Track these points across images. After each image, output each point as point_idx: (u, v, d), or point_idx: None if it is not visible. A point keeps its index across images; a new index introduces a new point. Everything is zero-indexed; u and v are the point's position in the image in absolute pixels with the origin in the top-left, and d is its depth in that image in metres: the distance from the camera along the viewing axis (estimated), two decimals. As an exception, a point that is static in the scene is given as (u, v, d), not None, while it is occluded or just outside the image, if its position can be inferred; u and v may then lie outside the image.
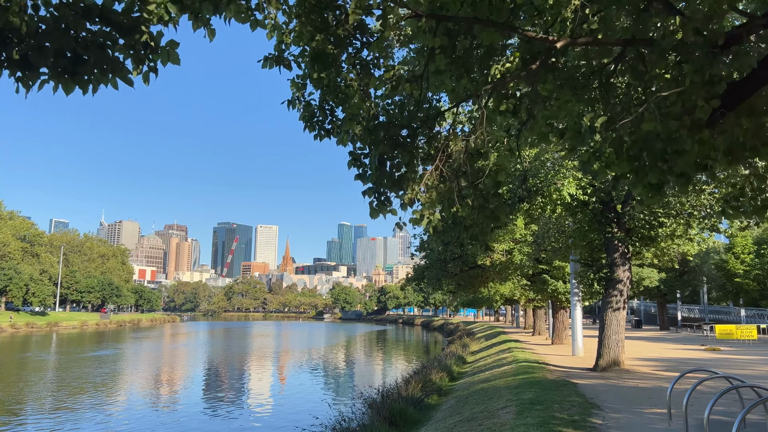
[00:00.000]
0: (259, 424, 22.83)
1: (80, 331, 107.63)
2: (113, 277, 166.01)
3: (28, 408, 26.53)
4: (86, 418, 24.13)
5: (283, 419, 23.29)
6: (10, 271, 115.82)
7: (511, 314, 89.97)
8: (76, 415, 24.78)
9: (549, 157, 16.95)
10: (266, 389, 34.73)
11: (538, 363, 22.71)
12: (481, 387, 18.55)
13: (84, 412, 25.33)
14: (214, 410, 26.19)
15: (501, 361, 26.22)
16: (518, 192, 16.28)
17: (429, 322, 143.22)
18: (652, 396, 14.11)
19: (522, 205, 16.93)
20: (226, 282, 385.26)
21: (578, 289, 28.17)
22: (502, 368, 22.74)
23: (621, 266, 19.60)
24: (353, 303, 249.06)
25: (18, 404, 27.45)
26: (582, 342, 28.06)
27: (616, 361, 19.46)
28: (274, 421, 23.27)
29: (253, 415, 24.97)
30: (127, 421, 23.34)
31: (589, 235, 20.18)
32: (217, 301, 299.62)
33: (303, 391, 32.85)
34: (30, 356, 54.31)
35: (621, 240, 19.49)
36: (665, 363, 23.13)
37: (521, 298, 49.92)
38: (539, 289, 36.19)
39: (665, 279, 60.57)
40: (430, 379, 21.20)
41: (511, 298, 55.53)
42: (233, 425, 22.80)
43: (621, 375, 18.24)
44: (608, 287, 19.77)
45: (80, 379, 36.86)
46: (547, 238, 25.50)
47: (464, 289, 44.54)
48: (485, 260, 35.28)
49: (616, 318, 19.56)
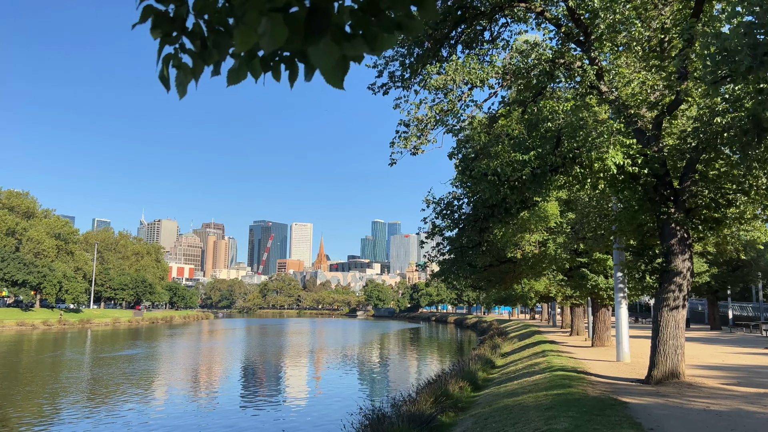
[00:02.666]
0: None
1: (113, 329, 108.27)
2: (147, 275, 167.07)
3: (58, 408, 26.16)
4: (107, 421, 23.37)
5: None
6: (45, 269, 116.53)
7: (548, 312, 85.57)
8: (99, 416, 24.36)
9: (588, 115, 13.37)
10: (287, 390, 33.19)
11: (577, 372, 19.06)
12: (505, 403, 15.09)
13: (107, 415, 24.63)
14: (239, 410, 26.23)
15: (533, 367, 22.63)
16: (549, 159, 12.79)
17: (462, 319, 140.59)
18: (735, 427, 10.46)
19: (555, 177, 13.38)
20: (261, 279, 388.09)
21: (624, 284, 24.31)
22: (533, 377, 19.19)
23: (680, 255, 15.85)
24: (386, 300, 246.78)
25: (48, 405, 27.02)
26: (628, 345, 24.23)
27: (674, 372, 15.74)
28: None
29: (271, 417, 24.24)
30: (157, 422, 22.88)
31: (640, 216, 16.43)
32: (252, 298, 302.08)
33: (317, 395, 30.28)
34: (57, 354, 53.08)
35: (680, 222, 15.73)
36: (733, 373, 19.21)
37: (558, 295, 46.24)
38: (577, 284, 32.29)
39: (716, 274, 55.59)
40: (446, 390, 17.80)
41: (546, 295, 51.75)
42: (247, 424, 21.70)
43: (683, 391, 14.53)
44: (663, 281, 16.04)
45: (100, 380, 35.73)
46: (586, 223, 21.74)
47: (495, 286, 40.92)
48: (516, 252, 31.62)
49: (674, 318, 15.83)
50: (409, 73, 17.33)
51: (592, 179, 14.14)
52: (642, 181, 15.39)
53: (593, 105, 14.88)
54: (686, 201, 16.06)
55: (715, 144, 14.30)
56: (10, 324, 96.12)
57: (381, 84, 17.55)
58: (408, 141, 15.01)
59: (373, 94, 17.69)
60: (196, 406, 27.13)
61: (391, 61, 17.47)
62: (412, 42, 16.81)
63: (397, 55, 17.42)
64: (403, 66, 17.21)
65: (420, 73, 16.51)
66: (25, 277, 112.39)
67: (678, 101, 15.25)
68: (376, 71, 17.09)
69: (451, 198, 16.06)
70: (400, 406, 15.92)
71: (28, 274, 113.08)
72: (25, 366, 42.96)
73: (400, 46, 17.23)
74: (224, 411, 25.81)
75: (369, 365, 48.41)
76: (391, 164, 16.11)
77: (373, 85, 17.68)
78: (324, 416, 23.69)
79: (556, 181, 13.61)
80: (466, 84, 14.81)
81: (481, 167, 12.76)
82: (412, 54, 17.45)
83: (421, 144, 15.10)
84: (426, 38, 16.28)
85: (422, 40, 17.09)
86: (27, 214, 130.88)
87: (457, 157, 13.90)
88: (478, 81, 14.65)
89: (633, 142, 14.58)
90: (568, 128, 12.80)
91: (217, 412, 25.61)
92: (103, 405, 27.22)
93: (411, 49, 17.40)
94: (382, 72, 17.17)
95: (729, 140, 13.71)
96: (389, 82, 17.39)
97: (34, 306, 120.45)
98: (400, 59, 17.30)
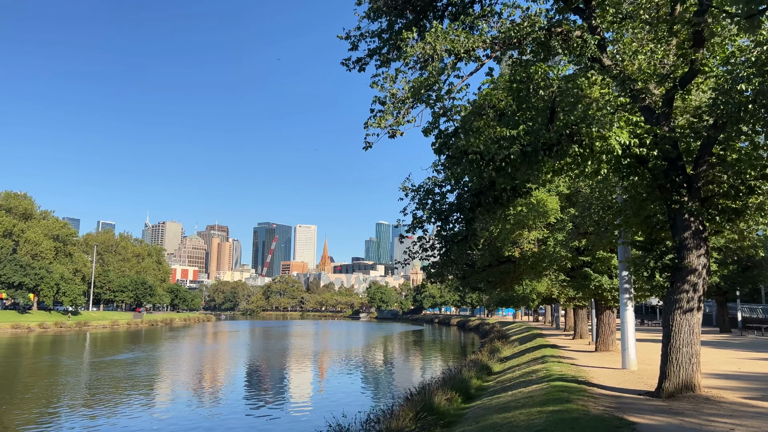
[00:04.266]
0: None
1: (110, 331, 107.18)
2: (148, 277, 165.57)
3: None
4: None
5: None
6: (42, 271, 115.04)
7: (551, 314, 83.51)
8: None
9: (586, 83, 11.34)
10: (264, 398, 30.98)
11: (578, 382, 17.03)
12: (494, 421, 13.11)
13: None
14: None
15: (530, 375, 20.62)
16: (542, 135, 10.81)
17: (465, 322, 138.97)
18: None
19: (549, 157, 11.34)
20: (265, 281, 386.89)
21: (629, 284, 22.31)
22: (529, 388, 17.20)
23: (694, 250, 13.83)
24: (389, 302, 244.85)
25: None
26: (635, 351, 22.19)
27: (688, 384, 13.71)
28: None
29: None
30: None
31: (648, 206, 14.41)
32: (256, 300, 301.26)
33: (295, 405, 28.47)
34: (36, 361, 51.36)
35: (694, 213, 13.72)
36: (754, 383, 17.14)
37: (560, 296, 44.28)
38: (580, 285, 30.23)
39: (725, 274, 53.24)
40: (430, 403, 15.80)
41: (549, 297, 49.82)
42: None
43: (699, 407, 12.52)
44: (675, 280, 14.02)
45: (89, 387, 34.13)
46: (587, 216, 19.67)
47: (495, 287, 38.95)
48: (514, 251, 29.62)
49: (687, 322, 13.81)
50: (388, 48, 15.44)
51: (593, 162, 12.16)
52: (651, 164, 13.38)
53: (595, 81, 12.95)
54: (701, 188, 14.05)
55: (737, 119, 12.33)
56: (5, 327, 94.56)
57: (357, 59, 15.65)
58: (383, 119, 13.05)
59: (348, 70, 15.77)
60: (183, 417, 25.60)
61: (369, 37, 15.58)
62: (390, 10, 14.90)
63: (377, 30, 15.53)
64: (380, 39, 15.30)
65: (400, 47, 14.57)
66: (22, 279, 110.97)
67: (692, 72, 13.27)
68: (349, 44, 15.19)
69: (432, 184, 14.00)
70: (375, 422, 13.95)
71: (25, 276, 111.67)
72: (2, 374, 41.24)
73: (378, 17, 15.33)
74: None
75: (366, 370, 47.20)
76: (366, 148, 14.13)
77: (347, 60, 15.77)
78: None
79: (551, 163, 11.55)
80: (450, 54, 12.84)
81: (460, 144, 10.80)
82: (393, 27, 15.56)
83: (398, 124, 13.15)
84: (406, 4, 14.38)
85: (403, 9, 15.20)
86: (25, 215, 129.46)
87: (433, 133, 11.88)
88: (462, 51, 12.69)
89: (641, 120, 12.62)
90: (564, 98, 10.81)
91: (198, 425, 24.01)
92: (86, 414, 25.76)
93: (392, 21, 15.50)
94: (356, 44, 15.26)
95: (753, 114, 11.75)
96: (366, 57, 15.48)
97: (31, 308, 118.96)
98: (378, 32, 15.42)
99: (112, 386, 34.28)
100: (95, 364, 46.34)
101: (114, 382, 36.05)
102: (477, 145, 10.67)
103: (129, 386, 34.54)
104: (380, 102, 13.59)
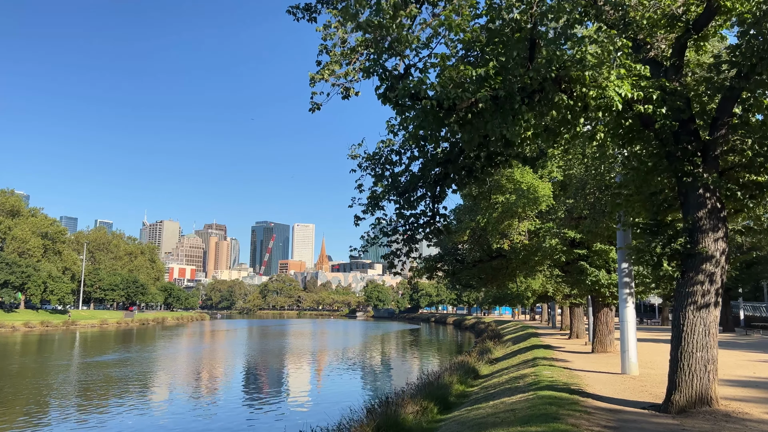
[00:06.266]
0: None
1: (99, 330, 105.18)
2: (140, 275, 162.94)
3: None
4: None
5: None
6: (29, 269, 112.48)
7: (547, 312, 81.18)
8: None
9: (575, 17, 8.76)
10: (273, 396, 28.35)
11: (569, 391, 14.46)
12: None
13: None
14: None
15: (517, 381, 18.07)
16: (519, 76, 8.26)
17: (461, 320, 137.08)
18: None
19: (526, 109, 8.71)
20: (262, 280, 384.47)
21: (630, 277, 19.73)
22: (513, 398, 14.66)
23: (710, 232, 11.29)
24: (386, 301, 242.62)
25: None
26: (636, 354, 19.64)
27: (704, 397, 11.17)
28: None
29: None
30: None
31: (654, 179, 11.86)
32: (253, 299, 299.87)
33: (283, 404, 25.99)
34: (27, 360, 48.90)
35: (710, 187, 11.19)
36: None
37: (556, 294, 41.84)
38: (575, 280, 27.68)
39: (729, 270, 50.78)
40: (395, 418, 13.26)
41: (544, 294, 47.38)
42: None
43: (720, 426, 9.99)
44: (687, 269, 11.48)
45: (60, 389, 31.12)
46: (581, 197, 17.05)
47: (487, 284, 36.47)
48: (503, 243, 27.09)
49: (702, 321, 11.28)
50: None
51: (586, 119, 9.63)
52: (658, 126, 10.82)
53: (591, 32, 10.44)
54: (719, 157, 11.52)
55: (764, 69, 9.82)
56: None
57: (306, 5, 13.08)
58: (330, 70, 10.53)
59: (296, 20, 13.20)
60: (172, 419, 23.93)
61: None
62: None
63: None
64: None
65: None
66: (8, 277, 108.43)
67: (709, 13, 10.74)
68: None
69: (388, 150, 11.25)
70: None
71: (11, 274, 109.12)
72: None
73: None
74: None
75: (355, 371, 44.98)
76: (312, 110, 11.58)
77: (295, 8, 13.21)
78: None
79: (531, 117, 8.89)
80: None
81: (408, 85, 8.25)
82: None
83: (348, 75, 10.62)
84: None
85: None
86: (12, 212, 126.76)
87: (377, 73, 9.26)
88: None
89: (645, 70, 10.08)
90: (547, 22, 8.20)
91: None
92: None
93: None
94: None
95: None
96: (316, 3, 12.92)
97: (18, 307, 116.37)
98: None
99: (83, 390, 31.84)
100: (64, 367, 43.76)
101: (88, 386, 33.61)
102: (433, 87, 8.17)
103: (111, 389, 32.20)
104: (326, 50, 11.07)
